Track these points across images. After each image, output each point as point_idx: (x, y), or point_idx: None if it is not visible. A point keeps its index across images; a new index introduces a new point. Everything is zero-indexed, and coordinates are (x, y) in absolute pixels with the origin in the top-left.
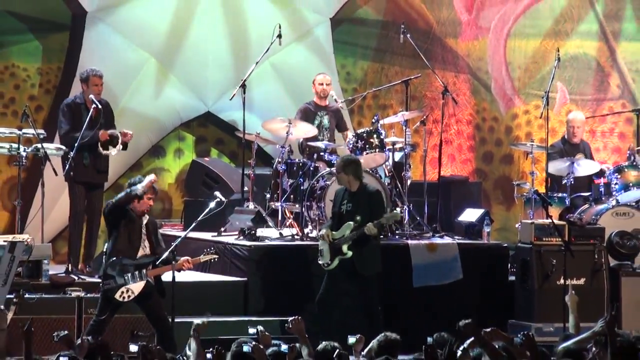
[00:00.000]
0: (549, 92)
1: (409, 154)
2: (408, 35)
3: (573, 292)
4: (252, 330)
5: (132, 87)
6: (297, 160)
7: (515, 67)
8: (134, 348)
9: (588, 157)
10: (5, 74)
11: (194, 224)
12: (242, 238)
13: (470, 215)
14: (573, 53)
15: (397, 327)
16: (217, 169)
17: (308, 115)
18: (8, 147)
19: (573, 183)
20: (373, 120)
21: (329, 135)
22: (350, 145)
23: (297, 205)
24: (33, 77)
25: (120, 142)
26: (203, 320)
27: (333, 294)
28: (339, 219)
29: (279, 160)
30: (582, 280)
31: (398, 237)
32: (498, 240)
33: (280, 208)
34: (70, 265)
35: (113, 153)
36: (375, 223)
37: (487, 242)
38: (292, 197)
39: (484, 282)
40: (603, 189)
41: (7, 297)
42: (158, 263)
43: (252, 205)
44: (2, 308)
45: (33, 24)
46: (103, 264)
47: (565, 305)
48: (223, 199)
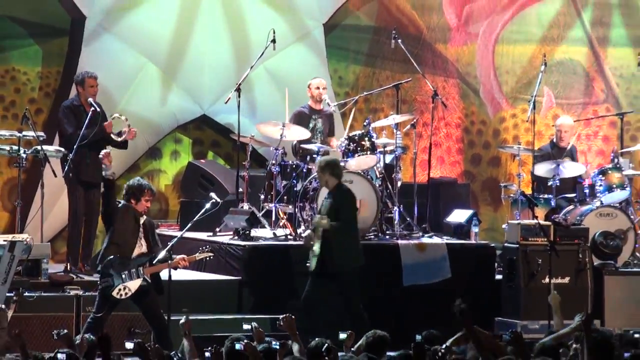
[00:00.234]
0: (536, 96)
1: (400, 156)
2: (399, 41)
3: (555, 292)
4: (246, 327)
5: (130, 90)
6: (290, 162)
7: (503, 72)
8: (130, 345)
9: (574, 160)
10: (6, 78)
11: (190, 224)
12: (236, 238)
13: (459, 216)
14: (559, 58)
15: (386, 324)
16: (212, 171)
17: (302, 119)
18: (8, 149)
19: (558, 185)
20: (365, 124)
21: (322, 138)
22: (343, 148)
23: (290, 206)
24: (33, 80)
25: (125, 133)
26: (185, 318)
27: (317, 293)
28: None
29: (273, 162)
30: (566, 279)
31: (388, 237)
32: (485, 240)
33: (274, 209)
34: (69, 264)
35: (118, 139)
36: (322, 216)
37: (474, 242)
38: (285, 198)
39: (472, 280)
40: (587, 191)
41: (7, 295)
42: (155, 262)
43: (246, 206)
44: (2, 307)
45: (33, 29)
46: (101, 262)
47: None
48: (218, 200)
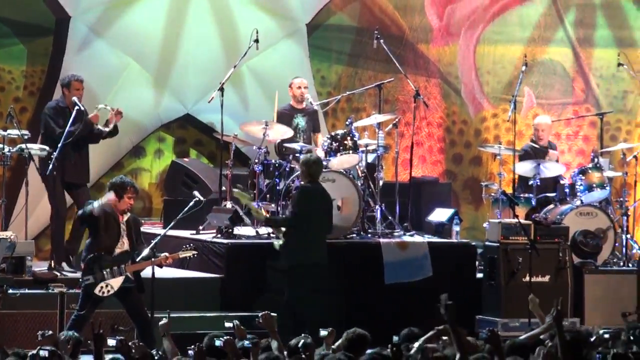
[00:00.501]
0: (517, 96)
1: (382, 156)
2: (381, 41)
3: (531, 295)
4: (228, 325)
5: (114, 90)
6: (273, 161)
7: (484, 72)
8: (113, 342)
9: (553, 149)
10: None
11: (174, 222)
12: (219, 236)
13: (440, 215)
14: (540, 59)
15: (368, 322)
16: (196, 169)
17: (283, 119)
18: None
19: (539, 184)
20: (347, 123)
21: (306, 137)
22: (325, 147)
23: (273, 205)
24: (18, 79)
25: (111, 120)
26: (165, 319)
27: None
28: None
29: (256, 161)
30: (546, 278)
31: (370, 235)
32: (466, 239)
33: (257, 207)
34: (53, 262)
35: (107, 129)
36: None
37: (456, 240)
38: (268, 196)
39: (453, 279)
40: (568, 190)
41: None
42: (138, 259)
43: (229, 205)
44: None
45: (18, 29)
46: (83, 260)
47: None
48: (201, 199)
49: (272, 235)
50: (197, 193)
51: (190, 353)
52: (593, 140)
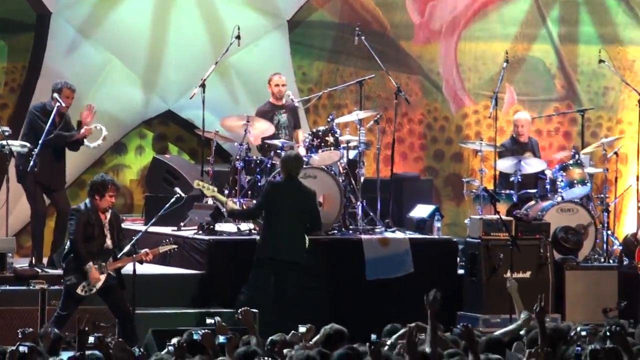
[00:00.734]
0: (498, 92)
1: (363, 152)
2: (363, 38)
3: (512, 279)
4: (210, 321)
5: (95, 86)
6: (254, 158)
7: (466, 68)
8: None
9: (537, 154)
10: None
11: (155, 219)
12: (201, 232)
13: (422, 211)
14: (521, 55)
15: (349, 318)
16: (177, 166)
17: (265, 118)
18: None
19: (520, 180)
20: (328, 119)
21: (287, 133)
22: (307, 144)
23: (254, 201)
24: None
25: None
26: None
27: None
28: None
29: (237, 158)
30: (528, 274)
31: (352, 231)
32: (448, 235)
33: (238, 204)
34: (34, 259)
35: (92, 146)
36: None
37: (437, 236)
38: (249, 193)
39: (434, 275)
40: (549, 186)
41: None
42: (119, 256)
43: (210, 201)
44: None
45: None
46: (64, 260)
47: (511, 298)
48: (183, 195)
49: (253, 232)
50: (178, 189)
51: (170, 349)
52: (574, 137)
